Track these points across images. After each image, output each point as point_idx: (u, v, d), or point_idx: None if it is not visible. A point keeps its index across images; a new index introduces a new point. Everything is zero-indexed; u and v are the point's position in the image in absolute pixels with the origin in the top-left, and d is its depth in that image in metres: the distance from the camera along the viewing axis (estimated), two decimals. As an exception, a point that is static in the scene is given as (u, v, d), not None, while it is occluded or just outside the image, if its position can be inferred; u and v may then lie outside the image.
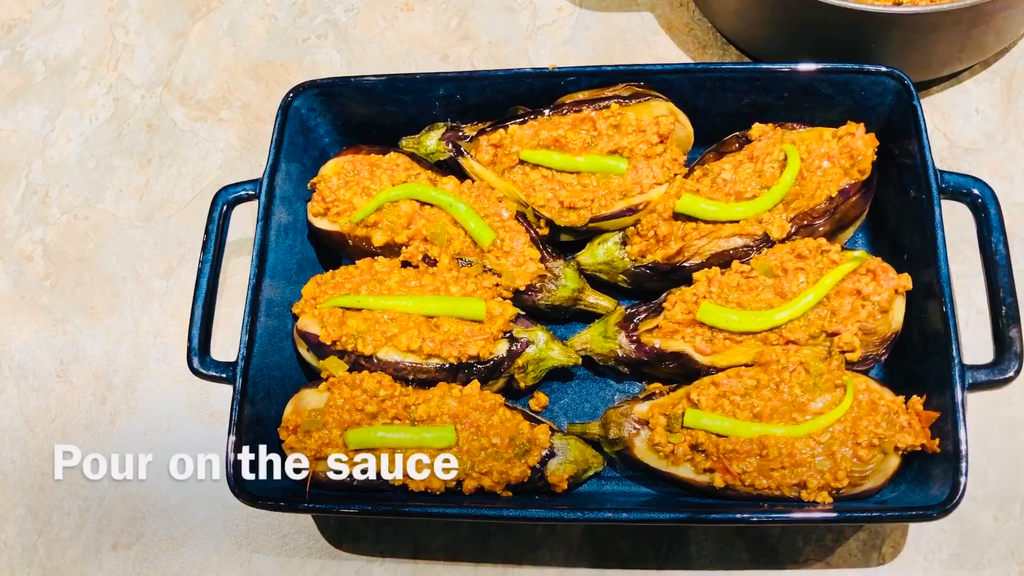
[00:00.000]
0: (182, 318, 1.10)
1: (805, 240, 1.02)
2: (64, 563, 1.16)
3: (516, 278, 1.07)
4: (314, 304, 1.07)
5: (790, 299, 0.99)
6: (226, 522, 1.15)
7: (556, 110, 1.11)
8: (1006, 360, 0.92)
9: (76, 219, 1.39)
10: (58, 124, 1.47)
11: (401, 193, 1.09)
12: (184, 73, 1.49)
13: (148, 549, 1.15)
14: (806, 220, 1.03)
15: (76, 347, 1.29)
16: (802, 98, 1.10)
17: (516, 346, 1.05)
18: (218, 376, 1.02)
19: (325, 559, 1.11)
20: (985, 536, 1.03)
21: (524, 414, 1.02)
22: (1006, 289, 0.94)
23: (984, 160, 1.24)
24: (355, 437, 0.98)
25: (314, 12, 1.51)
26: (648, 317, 1.05)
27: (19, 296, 1.34)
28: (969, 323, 1.12)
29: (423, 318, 1.04)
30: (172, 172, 1.41)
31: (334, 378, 1.02)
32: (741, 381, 0.97)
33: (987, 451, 1.06)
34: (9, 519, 1.19)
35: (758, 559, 1.05)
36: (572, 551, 1.08)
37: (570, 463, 1.01)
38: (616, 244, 1.11)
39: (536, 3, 1.46)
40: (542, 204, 1.10)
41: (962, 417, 0.89)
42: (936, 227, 0.97)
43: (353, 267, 1.10)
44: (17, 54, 1.55)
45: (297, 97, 1.14)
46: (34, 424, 1.24)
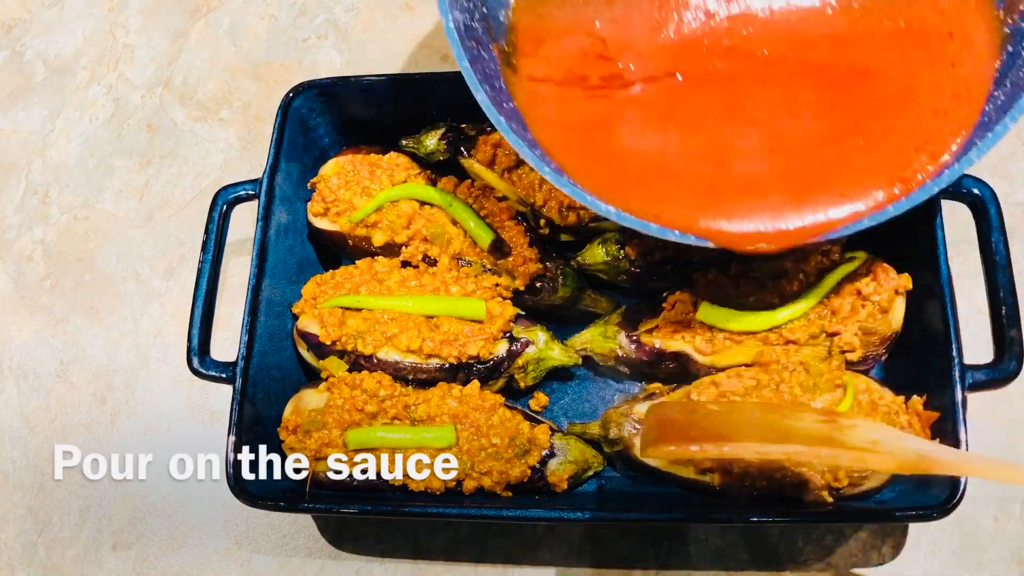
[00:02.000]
0: (182, 318, 1.10)
1: (805, 240, 1.02)
2: (64, 563, 1.16)
3: (516, 278, 1.07)
4: (314, 304, 1.07)
5: (790, 299, 0.99)
6: (226, 522, 1.15)
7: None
8: (1006, 360, 0.92)
9: (76, 219, 1.39)
10: (58, 124, 1.47)
11: (401, 193, 1.09)
12: (184, 73, 1.49)
13: (148, 549, 1.15)
14: None
15: (76, 347, 1.29)
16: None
17: (516, 346, 1.05)
18: (218, 376, 1.02)
19: (325, 559, 1.11)
20: (985, 536, 1.03)
21: (524, 414, 1.02)
22: (1006, 289, 0.94)
23: (984, 160, 1.23)
24: (355, 437, 0.98)
25: (314, 12, 1.51)
26: (648, 317, 1.05)
27: (19, 296, 1.34)
28: (969, 323, 1.11)
29: (423, 318, 1.04)
30: (172, 172, 1.41)
31: (334, 378, 1.02)
32: (741, 381, 0.96)
33: (987, 451, 1.06)
34: (9, 519, 1.19)
35: (758, 559, 1.05)
36: (572, 551, 1.08)
37: (570, 463, 1.01)
38: (616, 244, 1.11)
39: (536, 3, 1.46)
40: (542, 204, 1.10)
41: (962, 417, 0.89)
42: (936, 227, 0.96)
43: (353, 267, 1.10)
44: (17, 54, 1.55)
45: (297, 97, 1.14)
46: (34, 424, 1.24)
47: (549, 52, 0.73)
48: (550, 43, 0.74)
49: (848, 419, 0.82)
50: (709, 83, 0.69)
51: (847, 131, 0.69)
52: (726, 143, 0.69)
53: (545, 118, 0.72)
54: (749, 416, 0.84)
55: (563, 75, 0.73)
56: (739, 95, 0.70)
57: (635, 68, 0.70)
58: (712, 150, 0.69)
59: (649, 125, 0.70)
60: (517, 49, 0.75)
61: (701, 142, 0.69)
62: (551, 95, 0.73)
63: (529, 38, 0.75)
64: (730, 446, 0.75)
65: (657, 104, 0.70)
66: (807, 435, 0.76)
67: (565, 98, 0.72)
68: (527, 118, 0.72)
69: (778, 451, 0.75)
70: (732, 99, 0.68)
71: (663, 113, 0.70)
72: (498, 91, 0.73)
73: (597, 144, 0.71)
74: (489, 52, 0.74)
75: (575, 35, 0.73)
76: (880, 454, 0.72)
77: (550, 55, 0.73)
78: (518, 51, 0.74)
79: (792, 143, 0.68)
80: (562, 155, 0.71)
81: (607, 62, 0.72)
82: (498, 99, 0.71)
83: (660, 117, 0.70)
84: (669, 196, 0.69)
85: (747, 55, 0.69)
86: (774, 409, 0.88)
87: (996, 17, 0.72)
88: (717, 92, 0.69)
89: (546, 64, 0.73)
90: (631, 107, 0.70)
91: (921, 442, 0.77)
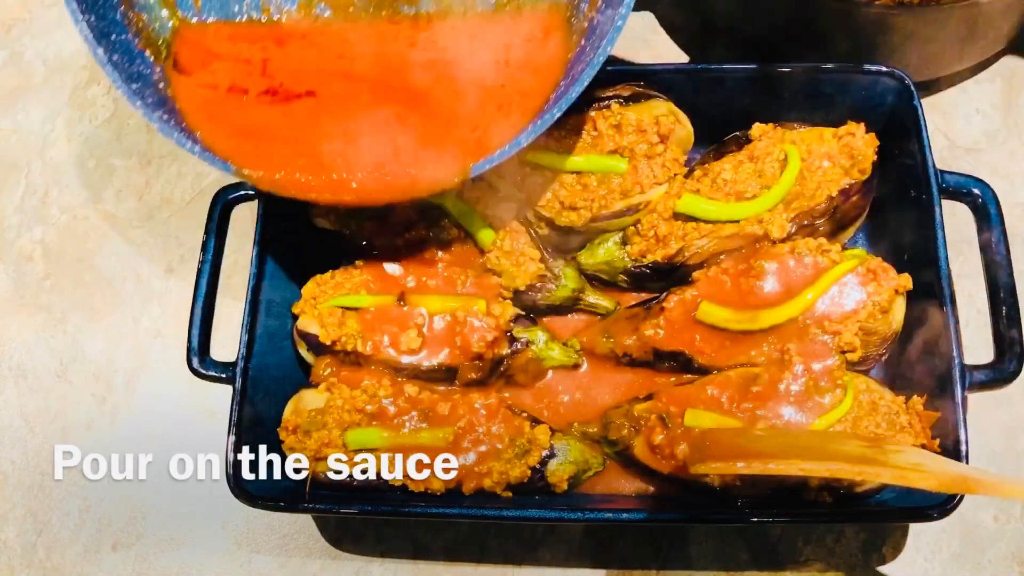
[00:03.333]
0: (182, 318, 1.10)
1: (805, 240, 1.02)
2: (64, 563, 1.16)
3: (516, 278, 1.07)
4: (314, 304, 1.07)
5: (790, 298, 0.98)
6: (226, 522, 1.15)
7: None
8: (1006, 360, 0.92)
9: (76, 219, 1.39)
10: (58, 124, 1.47)
11: (401, 193, 1.09)
12: (184, 73, 1.49)
13: (148, 549, 1.15)
14: (806, 220, 1.03)
15: (76, 347, 1.29)
16: (802, 97, 1.10)
17: (516, 346, 1.05)
18: (218, 376, 1.02)
19: (325, 559, 1.11)
20: (985, 536, 1.03)
21: (524, 414, 1.02)
22: (1006, 289, 0.94)
23: (984, 160, 1.24)
24: (355, 437, 0.98)
25: (314, 12, 1.51)
26: (648, 317, 1.05)
27: (19, 296, 1.34)
28: (969, 323, 1.11)
29: (424, 318, 1.03)
30: (172, 172, 1.40)
31: (334, 378, 1.03)
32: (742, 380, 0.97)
33: (987, 451, 1.06)
34: (9, 519, 1.19)
35: (758, 559, 1.05)
36: (572, 551, 1.08)
37: (570, 463, 1.01)
38: (616, 244, 1.11)
39: (536, 3, 1.46)
40: (542, 204, 1.10)
41: (962, 417, 0.89)
42: (936, 227, 0.97)
43: (353, 267, 1.10)
44: (17, 54, 1.54)
45: (297, 97, 1.14)
46: (34, 424, 1.24)
47: (218, 69, 0.98)
48: (218, 63, 0.99)
49: (893, 444, 0.83)
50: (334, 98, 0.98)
51: (418, 134, 0.95)
52: (336, 133, 0.95)
53: (206, 113, 0.95)
54: (794, 441, 0.88)
55: (228, 86, 0.98)
56: (349, 105, 0.98)
57: (285, 86, 0.98)
58: (327, 136, 0.95)
59: (291, 124, 0.96)
60: (180, 61, 0.98)
61: (322, 132, 0.95)
62: (215, 98, 0.97)
63: (195, 55, 0.99)
64: (774, 463, 0.77)
65: (299, 112, 0.97)
66: (850, 456, 0.78)
67: (227, 102, 0.97)
68: (185, 111, 0.95)
69: (821, 468, 0.77)
70: (343, 107, 0.97)
71: (306, 120, 0.96)
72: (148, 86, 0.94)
73: (241, 128, 0.96)
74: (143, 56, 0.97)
75: (239, 62, 0.99)
76: (923, 473, 0.73)
77: (218, 71, 0.98)
78: (181, 63, 0.98)
79: (378, 139, 0.94)
80: (209, 134, 0.93)
81: (266, 79, 0.99)
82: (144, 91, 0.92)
83: (304, 123, 0.96)
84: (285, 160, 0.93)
85: (355, 79, 0.99)
86: (817, 433, 0.90)
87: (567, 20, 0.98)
88: (338, 102, 0.98)
89: (213, 77, 0.98)
90: (281, 114, 0.97)
91: (962, 465, 0.78)
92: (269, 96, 0.97)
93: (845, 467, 0.75)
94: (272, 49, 1.01)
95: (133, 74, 0.92)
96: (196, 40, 0.99)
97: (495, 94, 0.96)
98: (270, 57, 1.00)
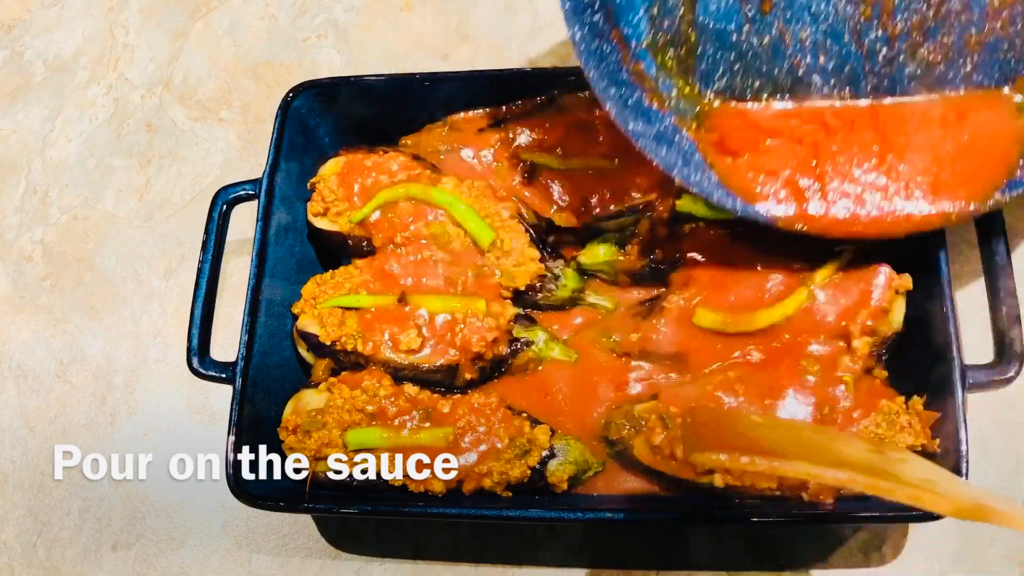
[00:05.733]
0: (182, 318, 1.10)
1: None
2: (64, 563, 1.16)
3: (516, 278, 1.07)
4: (314, 304, 1.07)
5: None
6: (226, 522, 1.15)
7: (556, 110, 1.11)
8: (1006, 360, 0.91)
9: (76, 219, 1.39)
10: (58, 124, 1.47)
11: (401, 193, 1.09)
12: (184, 73, 1.49)
13: (148, 549, 1.15)
14: None
15: (76, 347, 1.29)
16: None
17: (516, 346, 1.05)
18: (218, 376, 1.02)
19: (325, 559, 1.11)
20: (985, 536, 1.03)
21: (524, 414, 1.02)
22: (1006, 289, 0.94)
23: (984, 160, 1.24)
24: (355, 437, 0.98)
25: (314, 12, 1.51)
26: (649, 317, 1.05)
27: (19, 296, 1.34)
28: (969, 323, 1.11)
29: (424, 318, 1.03)
30: (172, 172, 1.41)
31: (334, 378, 1.03)
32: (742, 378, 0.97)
33: (987, 451, 1.06)
34: (9, 519, 1.19)
35: (758, 559, 1.05)
36: (572, 551, 1.08)
37: (570, 463, 1.01)
38: (616, 244, 1.11)
39: (536, 4, 1.46)
40: (542, 204, 1.10)
41: (962, 417, 0.89)
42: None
43: (353, 267, 1.10)
44: (17, 54, 1.55)
45: (297, 97, 1.14)
46: (34, 424, 1.24)
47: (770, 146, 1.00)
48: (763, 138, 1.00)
49: (897, 452, 0.82)
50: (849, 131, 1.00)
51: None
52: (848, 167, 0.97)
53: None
54: (795, 435, 0.85)
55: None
56: (874, 137, 0.99)
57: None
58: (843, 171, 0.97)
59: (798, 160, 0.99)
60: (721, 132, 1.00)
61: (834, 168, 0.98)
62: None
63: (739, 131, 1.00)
64: (781, 463, 0.75)
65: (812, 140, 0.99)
66: (857, 463, 0.77)
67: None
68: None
69: (832, 477, 0.75)
70: (864, 140, 0.98)
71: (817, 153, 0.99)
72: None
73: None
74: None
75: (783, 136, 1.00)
76: (938, 496, 0.72)
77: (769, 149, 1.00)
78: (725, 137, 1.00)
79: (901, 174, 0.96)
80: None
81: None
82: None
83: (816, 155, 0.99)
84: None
85: (880, 116, 1.00)
86: (820, 431, 0.89)
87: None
88: (855, 136, 0.99)
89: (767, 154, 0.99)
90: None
91: (973, 488, 0.78)
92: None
93: (859, 480, 0.74)
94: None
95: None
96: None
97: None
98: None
